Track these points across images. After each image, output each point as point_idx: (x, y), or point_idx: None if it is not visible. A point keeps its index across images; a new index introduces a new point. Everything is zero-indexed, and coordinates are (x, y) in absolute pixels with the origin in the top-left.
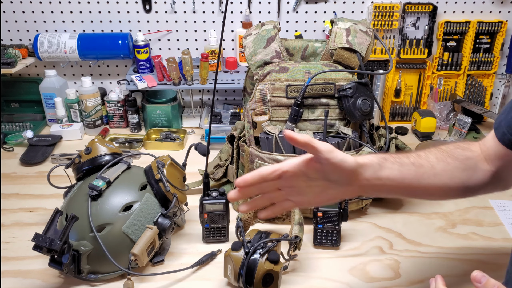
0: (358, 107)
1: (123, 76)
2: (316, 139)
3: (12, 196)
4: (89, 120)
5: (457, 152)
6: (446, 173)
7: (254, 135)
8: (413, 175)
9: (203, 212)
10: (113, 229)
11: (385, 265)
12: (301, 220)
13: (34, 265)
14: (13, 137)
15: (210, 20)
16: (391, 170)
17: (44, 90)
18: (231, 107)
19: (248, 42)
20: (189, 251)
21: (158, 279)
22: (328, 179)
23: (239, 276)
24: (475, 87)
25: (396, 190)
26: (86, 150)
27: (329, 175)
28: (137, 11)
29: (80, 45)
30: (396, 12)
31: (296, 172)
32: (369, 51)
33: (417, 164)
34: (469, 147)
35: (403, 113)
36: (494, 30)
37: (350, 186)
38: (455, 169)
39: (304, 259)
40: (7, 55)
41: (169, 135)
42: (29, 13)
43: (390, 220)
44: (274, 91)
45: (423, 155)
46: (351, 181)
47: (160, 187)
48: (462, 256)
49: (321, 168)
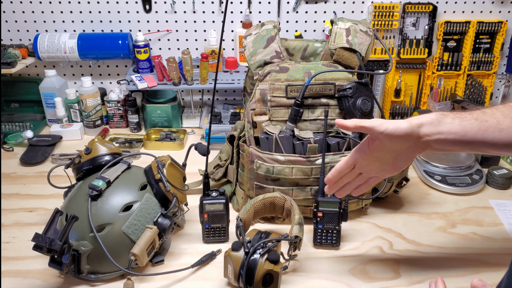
0: (358, 107)
1: (123, 76)
2: (316, 139)
3: (12, 196)
4: (89, 120)
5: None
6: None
7: (254, 135)
8: (476, 129)
9: (203, 212)
10: (113, 229)
11: (385, 265)
12: (301, 220)
13: (34, 265)
14: (13, 137)
15: (210, 20)
16: (451, 124)
17: (44, 90)
18: (231, 107)
19: (248, 42)
20: (189, 251)
21: (158, 279)
22: (393, 149)
23: (239, 276)
24: (475, 87)
25: (460, 144)
26: (86, 150)
27: (391, 145)
28: (137, 11)
29: (80, 45)
30: (396, 12)
31: (364, 156)
32: (369, 51)
33: (480, 119)
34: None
35: (403, 113)
36: (494, 30)
37: (416, 145)
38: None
39: (304, 259)
40: (7, 55)
41: (169, 135)
42: (29, 13)
43: (390, 220)
44: (274, 91)
45: (489, 111)
46: (413, 141)
47: (160, 187)
48: (462, 256)
49: (381, 142)
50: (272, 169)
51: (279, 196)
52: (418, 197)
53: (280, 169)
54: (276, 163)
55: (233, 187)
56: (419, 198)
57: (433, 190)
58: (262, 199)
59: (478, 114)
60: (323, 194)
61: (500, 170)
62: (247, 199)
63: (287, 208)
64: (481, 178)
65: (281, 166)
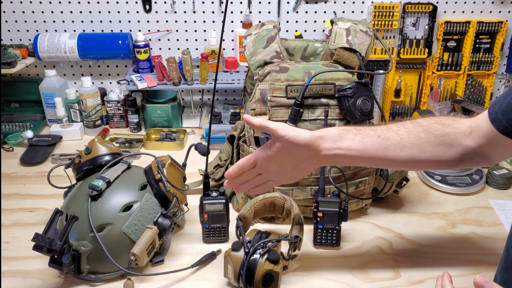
0: (358, 107)
1: (123, 76)
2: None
3: (12, 196)
4: (89, 120)
5: (435, 127)
6: (416, 146)
7: (254, 135)
8: (377, 146)
9: (203, 212)
10: (113, 229)
11: (385, 265)
12: (301, 220)
13: (34, 265)
14: (13, 137)
15: (210, 20)
16: (352, 140)
17: (44, 90)
18: (231, 107)
19: (248, 42)
20: (189, 251)
21: (158, 279)
22: (292, 156)
23: (239, 276)
24: (475, 87)
25: (359, 160)
26: (86, 150)
27: (291, 151)
28: (137, 11)
29: (80, 45)
30: (396, 12)
31: (265, 157)
32: (369, 51)
33: (383, 137)
34: (452, 123)
35: (403, 113)
36: (494, 30)
37: (315, 157)
38: (427, 143)
39: (304, 259)
40: (7, 55)
41: (169, 135)
42: (29, 13)
43: (390, 220)
44: (274, 91)
45: (394, 128)
46: (312, 153)
47: (160, 187)
48: (462, 256)
49: (282, 146)
50: None
51: (279, 196)
52: (418, 197)
53: None
54: None
55: None
56: (419, 198)
57: (433, 190)
58: (262, 199)
59: (381, 131)
60: (323, 194)
61: (500, 170)
62: (247, 199)
63: (287, 208)
64: (481, 178)
65: None
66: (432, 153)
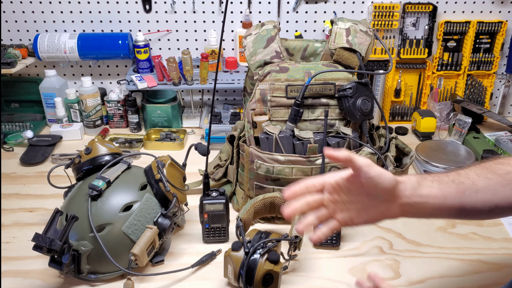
0: (358, 107)
1: (123, 76)
2: (316, 139)
3: (12, 196)
4: (89, 120)
5: (497, 167)
6: (489, 189)
7: (254, 135)
8: (454, 192)
9: (203, 212)
10: (113, 229)
11: (385, 265)
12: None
13: (34, 265)
14: (13, 137)
15: (210, 20)
16: (430, 188)
17: (44, 90)
18: (231, 107)
19: (248, 42)
20: (189, 251)
21: (158, 279)
22: (368, 195)
23: (239, 276)
24: (475, 87)
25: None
26: (86, 150)
27: (369, 190)
28: (137, 11)
29: (80, 45)
30: (396, 12)
31: (337, 185)
32: (369, 51)
33: (457, 182)
34: (508, 161)
35: (403, 113)
36: (494, 30)
37: (391, 204)
38: (497, 184)
39: (304, 259)
40: (7, 55)
41: (169, 135)
42: (29, 13)
43: (390, 220)
44: (274, 91)
45: (463, 172)
46: (391, 198)
47: (160, 187)
48: (462, 256)
49: (361, 182)
50: (272, 169)
51: (279, 196)
52: None
53: (280, 169)
54: (276, 163)
55: (233, 187)
56: None
57: None
58: (262, 199)
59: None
60: None
61: None
62: (247, 199)
63: None
64: None
65: (281, 166)
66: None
